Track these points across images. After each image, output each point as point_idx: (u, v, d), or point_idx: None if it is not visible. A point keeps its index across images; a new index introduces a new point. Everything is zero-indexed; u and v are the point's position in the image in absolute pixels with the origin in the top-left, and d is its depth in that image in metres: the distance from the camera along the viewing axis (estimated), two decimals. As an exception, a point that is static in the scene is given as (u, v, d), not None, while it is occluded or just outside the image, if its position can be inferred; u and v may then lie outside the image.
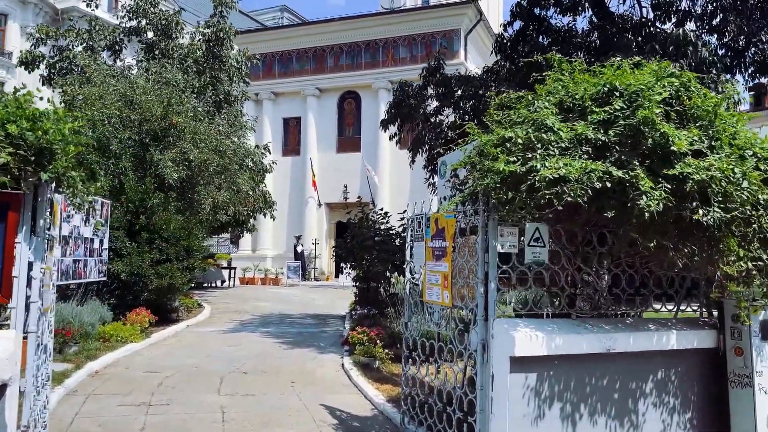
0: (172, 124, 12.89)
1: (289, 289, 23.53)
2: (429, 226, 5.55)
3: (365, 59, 29.17)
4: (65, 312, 8.90)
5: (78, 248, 9.71)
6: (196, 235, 12.56)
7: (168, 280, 11.45)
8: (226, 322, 13.28)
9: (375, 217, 11.35)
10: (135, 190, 11.89)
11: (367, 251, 10.52)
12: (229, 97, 18.99)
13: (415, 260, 5.87)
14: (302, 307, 17.08)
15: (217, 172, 14.60)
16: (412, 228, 5.94)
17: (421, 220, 5.74)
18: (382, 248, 10.15)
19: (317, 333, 12.01)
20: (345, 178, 28.98)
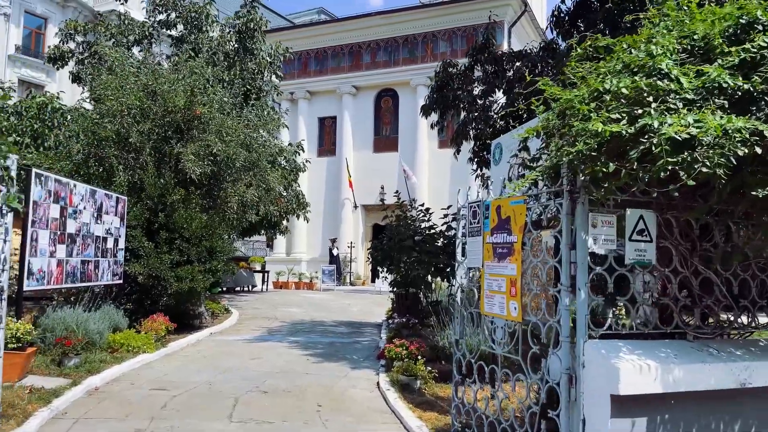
0: (195, 116, 11.93)
1: (324, 294, 22.48)
2: (489, 217, 4.29)
3: (403, 55, 28.01)
4: (68, 319, 7.94)
5: (87, 248, 8.79)
6: (220, 234, 11.56)
7: (188, 283, 10.46)
8: (252, 330, 12.24)
9: (415, 214, 10.06)
10: (154, 185, 10.97)
11: (406, 252, 9.29)
12: (260, 91, 18.09)
13: (469, 261, 4.61)
14: (336, 313, 15.95)
15: (245, 168, 13.60)
16: (465, 220, 4.68)
17: (477, 209, 4.47)
18: (423, 249, 8.89)
19: (350, 344, 10.83)
20: (381, 178, 27.82)
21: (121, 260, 10.32)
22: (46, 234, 7.67)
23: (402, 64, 27.88)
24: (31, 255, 7.29)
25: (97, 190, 9.39)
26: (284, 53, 19.16)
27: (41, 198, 7.52)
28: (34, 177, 7.26)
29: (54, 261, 7.90)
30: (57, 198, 8.00)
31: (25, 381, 6.40)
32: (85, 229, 8.91)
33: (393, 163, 27.74)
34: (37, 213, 7.42)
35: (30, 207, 7.21)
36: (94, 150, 11.63)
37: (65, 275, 8.25)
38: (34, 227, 7.36)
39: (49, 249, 7.75)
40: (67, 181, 8.36)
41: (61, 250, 8.13)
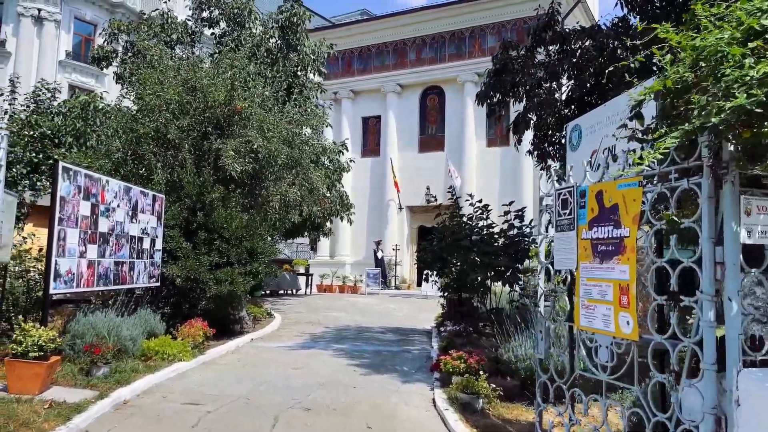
0: (236, 111, 11.37)
1: (368, 298, 21.75)
2: (585, 206, 3.39)
3: (450, 51, 27.07)
4: (99, 324, 7.39)
5: (122, 248, 8.25)
6: (261, 235, 10.93)
7: (228, 286, 9.85)
8: (295, 336, 11.57)
9: (472, 211, 9.13)
10: (192, 183, 10.43)
11: (462, 253, 8.38)
12: (304, 88, 17.52)
13: (557, 262, 3.72)
14: (382, 319, 15.17)
15: (287, 166, 12.98)
16: (549, 212, 3.79)
17: (568, 197, 3.58)
18: (482, 250, 7.98)
19: (399, 353, 10.01)
20: (427, 179, 26.89)
21: (158, 261, 9.80)
22: (75, 233, 7.14)
23: (448, 61, 26.95)
24: (59, 255, 6.76)
25: (132, 187, 8.87)
26: (328, 49, 18.56)
27: (69, 194, 6.99)
28: (61, 171, 6.74)
29: (84, 262, 7.38)
30: (87, 194, 7.47)
31: (47, 393, 5.83)
32: (119, 228, 8.39)
33: (439, 163, 26.83)
34: (64, 210, 6.90)
35: (57, 203, 6.68)
36: (133, 147, 11.20)
37: (97, 277, 7.72)
38: (62, 225, 6.83)
39: (78, 249, 7.22)
40: (98, 176, 7.84)
41: (93, 250, 7.60)
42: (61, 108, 16.47)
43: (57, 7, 32.48)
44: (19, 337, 5.73)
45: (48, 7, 31.97)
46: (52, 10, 32.11)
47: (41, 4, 31.74)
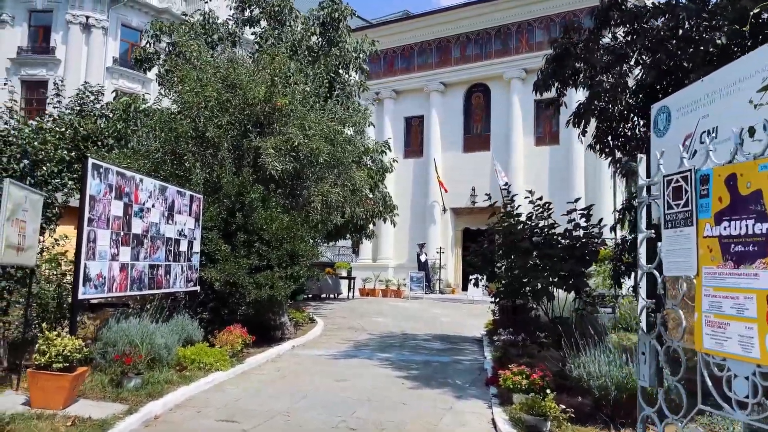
0: (276, 108, 10.91)
1: (412, 303, 21.06)
2: (709, 195, 2.64)
3: (495, 47, 26.18)
4: (132, 331, 6.96)
5: (157, 250, 7.82)
6: (303, 236, 10.40)
7: (268, 291, 9.35)
8: (337, 343, 11.00)
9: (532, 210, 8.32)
10: (231, 183, 9.99)
11: (521, 256, 7.60)
12: (346, 86, 17.01)
13: (667, 266, 2.97)
14: (427, 325, 14.46)
15: (329, 165, 12.43)
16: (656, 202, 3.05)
17: (683, 184, 2.84)
18: (543, 253, 7.19)
19: (450, 363, 9.30)
20: (472, 180, 26.10)
21: (196, 265, 9.38)
22: (106, 234, 6.73)
23: (494, 57, 26.06)
24: (89, 258, 6.34)
25: (168, 186, 8.46)
26: (371, 46, 17.99)
27: (100, 193, 6.57)
28: (90, 168, 6.32)
29: (116, 265, 6.96)
30: (120, 193, 7.06)
31: (72, 408, 5.39)
32: (154, 229, 7.97)
33: (485, 163, 25.94)
34: (95, 210, 6.48)
35: (86, 202, 6.26)
36: (172, 147, 10.86)
37: (130, 281, 7.30)
38: (92, 226, 6.42)
39: (110, 251, 6.81)
40: (131, 174, 7.43)
41: (126, 252, 7.18)
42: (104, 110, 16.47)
43: (104, 14, 33.07)
44: (43, 347, 5.31)
45: (95, 14, 32.57)
46: (99, 18, 32.70)
47: (89, 11, 32.36)
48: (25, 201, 5.43)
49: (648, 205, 3.39)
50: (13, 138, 6.70)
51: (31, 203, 5.62)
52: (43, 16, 32.62)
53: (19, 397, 5.56)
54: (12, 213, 5.12)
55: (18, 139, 6.73)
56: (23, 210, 5.40)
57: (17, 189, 5.26)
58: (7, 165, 6.49)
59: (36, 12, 32.45)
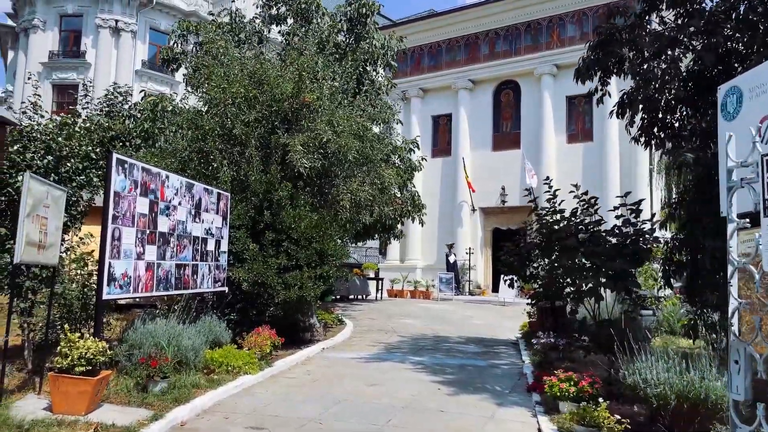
0: (304, 103, 10.62)
1: (441, 304, 20.62)
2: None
3: (525, 43, 25.59)
4: (158, 333, 6.72)
5: (184, 249, 7.58)
6: (332, 235, 10.09)
7: (297, 291, 9.06)
8: (368, 346, 10.65)
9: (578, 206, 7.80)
10: (259, 180, 9.74)
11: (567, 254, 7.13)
12: (373, 84, 16.69)
13: None
14: (459, 327, 14.03)
15: (358, 163, 12.10)
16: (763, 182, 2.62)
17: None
18: (591, 250, 6.71)
19: (486, 368, 8.87)
20: (502, 179, 25.54)
21: (224, 264, 9.14)
22: (131, 232, 6.49)
23: (524, 53, 25.47)
24: (113, 257, 6.10)
25: (195, 184, 8.22)
26: (398, 42, 17.64)
27: (124, 189, 6.34)
28: (114, 163, 6.09)
29: (142, 264, 6.72)
30: (145, 190, 6.83)
31: (95, 414, 5.13)
32: (181, 227, 7.73)
33: (515, 162, 25.36)
34: (119, 207, 6.25)
35: (110, 199, 6.03)
36: (199, 145, 10.66)
37: (156, 281, 7.06)
38: (117, 224, 6.18)
39: (135, 250, 6.57)
40: (157, 170, 7.20)
41: (151, 251, 6.95)
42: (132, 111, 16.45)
43: (133, 18, 33.40)
44: (65, 349, 5.07)
45: (125, 18, 32.90)
46: (128, 21, 33.02)
47: (118, 15, 32.70)
48: (46, 197, 5.20)
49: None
50: (36, 134, 6.52)
51: (53, 199, 5.40)
52: (74, 21, 33.07)
53: (42, 401, 5.34)
54: (32, 209, 4.90)
55: (42, 135, 6.55)
56: (44, 206, 5.18)
57: (38, 184, 5.03)
58: (31, 161, 6.30)
59: (67, 16, 32.92)
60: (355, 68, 15.20)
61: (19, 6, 32.84)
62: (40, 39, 31.81)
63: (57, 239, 5.63)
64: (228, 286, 9.24)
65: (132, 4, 33.33)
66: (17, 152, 6.25)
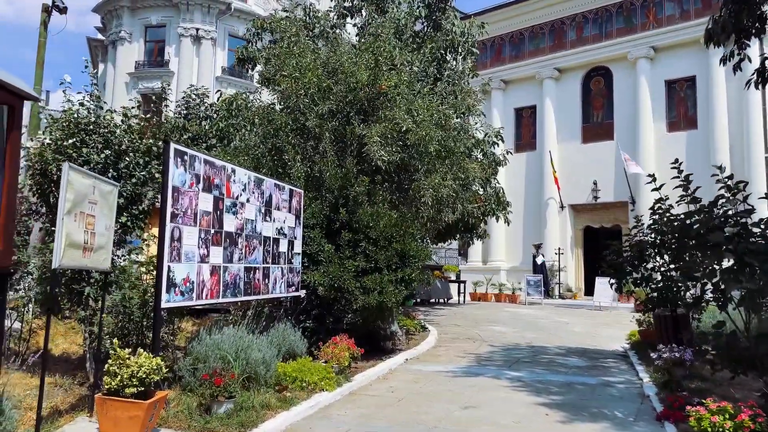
0: (381, 91, 9.76)
1: (530, 309, 19.18)
2: None
3: (617, 25, 23.62)
4: (225, 344, 6.00)
5: (253, 251, 6.85)
6: (413, 235, 9.13)
7: (376, 297, 8.17)
8: (456, 357, 9.61)
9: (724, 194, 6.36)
10: (334, 175, 8.94)
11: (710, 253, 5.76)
12: (454, 73, 15.61)
13: None
14: (554, 335, 12.68)
15: (440, 156, 11.09)
16: None
17: None
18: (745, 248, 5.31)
19: (598, 387, 7.59)
20: (593, 173, 23.69)
21: (298, 267, 8.40)
22: (194, 232, 5.82)
23: (616, 36, 23.51)
24: (173, 260, 5.43)
25: (264, 179, 7.51)
26: (480, 29, 16.46)
27: (184, 184, 5.66)
28: (173, 155, 5.42)
29: (206, 268, 6.03)
30: (209, 185, 6.15)
31: (148, 441, 4.43)
32: (250, 227, 7.02)
33: (607, 154, 23.46)
34: (179, 204, 5.58)
35: (168, 195, 5.36)
36: (272, 141, 10.04)
37: (223, 287, 6.37)
38: (176, 222, 5.51)
39: (198, 252, 5.89)
40: (222, 163, 6.51)
41: (217, 253, 6.26)
42: (208, 111, 16.29)
43: (213, 25, 34.04)
44: (113, 368, 4.40)
45: (205, 26, 33.58)
46: (208, 29, 33.68)
47: (199, 23, 33.42)
48: (92, 191, 4.57)
49: None
50: (93, 126, 6.00)
51: (101, 194, 4.77)
52: (158, 31, 34.13)
53: (92, 425, 4.71)
54: (74, 205, 4.27)
55: (99, 128, 6.03)
56: (90, 202, 4.55)
57: (80, 176, 4.40)
58: (88, 156, 5.77)
59: (151, 27, 34.02)
60: (434, 57, 14.20)
61: (108, 19, 34.27)
62: (126, 50, 33.02)
63: (107, 240, 5.01)
64: (302, 291, 8.50)
65: (212, 11, 34.00)
66: (73, 147, 5.73)
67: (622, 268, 9.63)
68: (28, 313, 7.12)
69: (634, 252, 9.39)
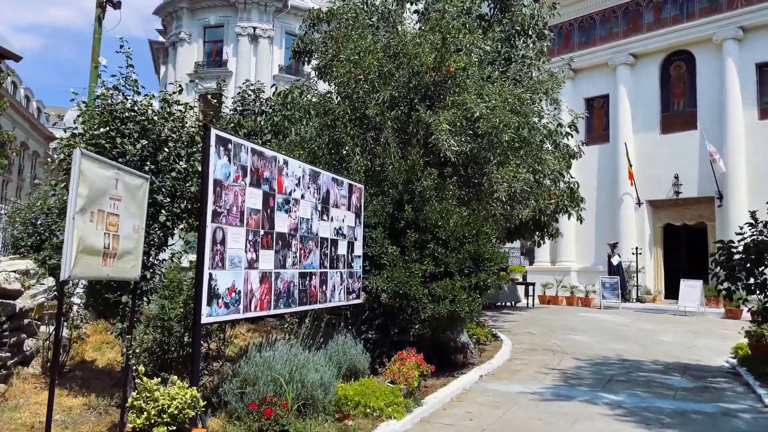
0: (449, 73, 8.73)
1: (608, 315, 17.63)
2: None
3: (700, 5, 21.60)
4: (277, 363, 5.14)
5: (309, 255, 5.99)
6: (488, 234, 8.05)
7: (448, 306, 7.15)
8: (537, 373, 8.47)
9: None
10: (398, 168, 7.98)
11: None
12: (524, 58, 14.36)
13: None
14: (644, 347, 11.28)
15: (513, 147, 9.95)
16: None
17: None
18: None
19: (720, 416, 6.30)
20: (674, 166, 21.79)
21: (359, 272, 7.49)
22: (240, 233, 4.98)
23: (699, 17, 21.50)
24: (215, 266, 4.60)
25: (321, 172, 6.63)
26: (551, 9, 15.13)
27: (228, 177, 4.83)
28: (214, 142, 4.59)
29: (255, 275, 5.19)
30: (258, 179, 5.31)
31: (181, 493, 3.59)
32: (305, 227, 6.16)
33: (690, 145, 21.51)
34: (222, 200, 4.75)
35: (209, 189, 4.53)
36: (329, 133, 9.19)
37: (275, 296, 5.51)
38: (218, 222, 4.68)
39: (246, 257, 5.05)
40: (272, 154, 5.66)
41: (267, 257, 5.41)
42: (263, 107, 15.71)
43: (270, 23, 33.83)
44: (139, 402, 3.59)
45: (262, 24, 33.41)
46: (265, 27, 33.50)
47: (256, 22, 33.28)
48: (114, 185, 3.78)
49: None
50: (129, 114, 5.28)
51: (126, 189, 3.98)
52: (216, 31, 34.22)
53: (117, 467, 3.94)
54: (89, 202, 3.48)
55: (137, 115, 5.30)
56: (112, 198, 3.77)
57: (97, 166, 3.61)
58: (123, 147, 5.05)
59: (209, 27, 34.14)
60: (505, 36, 13.02)
61: (168, 22, 34.64)
62: (186, 51, 33.24)
63: (136, 245, 4.22)
64: (364, 298, 7.60)
65: (268, 10, 33.79)
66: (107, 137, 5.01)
67: (733, 272, 8.28)
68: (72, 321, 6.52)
69: (750, 254, 8.02)
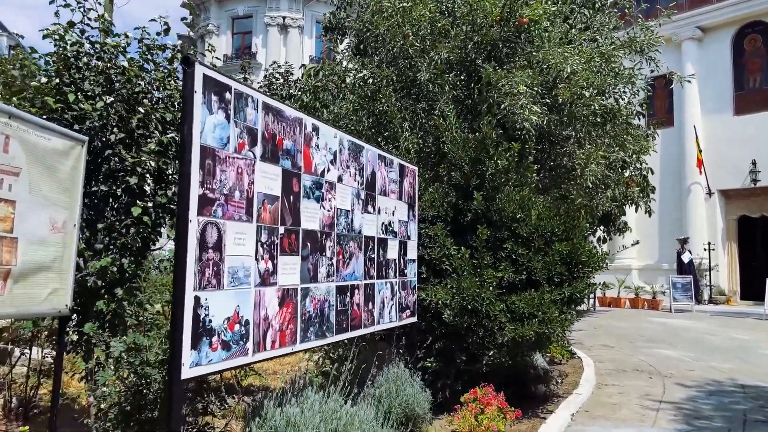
0: (521, 25, 6.86)
1: (683, 319, 15.45)
2: None
3: (780, -33, 19.17)
4: (305, 423, 3.39)
5: (350, 261, 4.21)
6: (582, 229, 6.14)
7: (536, 327, 5.31)
8: (641, 408, 6.54)
9: None
10: (462, 145, 6.14)
11: None
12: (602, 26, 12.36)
13: None
14: (750, 362, 9.21)
15: (597, 122, 8.03)
16: None
17: None
18: None
19: None
20: (750, 151, 19.40)
21: (413, 280, 5.69)
22: (247, 232, 3.24)
23: (780, -20, 19.07)
24: (206, 285, 2.87)
25: (365, 146, 4.84)
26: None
27: (226, 144, 3.09)
28: (200, 86, 2.84)
29: (271, 294, 3.44)
30: (274, 150, 3.55)
31: None
32: (344, 222, 4.38)
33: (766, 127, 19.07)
34: (217, 179, 3.01)
35: (193, 162, 2.79)
36: (368, 107, 7.43)
37: (303, 323, 3.75)
38: (211, 214, 2.95)
39: (256, 267, 3.31)
40: (296, 115, 3.89)
41: (290, 268, 3.65)
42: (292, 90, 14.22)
43: (299, 12, 32.42)
44: None
45: (291, 14, 32.02)
46: (295, 17, 32.09)
47: (285, 11, 31.91)
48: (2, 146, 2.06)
49: None
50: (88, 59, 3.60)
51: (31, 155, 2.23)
52: (245, 22, 32.95)
53: None
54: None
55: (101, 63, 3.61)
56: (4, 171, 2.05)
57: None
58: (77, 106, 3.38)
59: (238, 18, 32.89)
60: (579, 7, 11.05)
61: (195, 14, 33.50)
62: (214, 43, 31.97)
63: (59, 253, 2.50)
64: (419, 314, 5.81)
65: (298, -1, 32.40)
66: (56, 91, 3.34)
67: None
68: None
69: None
